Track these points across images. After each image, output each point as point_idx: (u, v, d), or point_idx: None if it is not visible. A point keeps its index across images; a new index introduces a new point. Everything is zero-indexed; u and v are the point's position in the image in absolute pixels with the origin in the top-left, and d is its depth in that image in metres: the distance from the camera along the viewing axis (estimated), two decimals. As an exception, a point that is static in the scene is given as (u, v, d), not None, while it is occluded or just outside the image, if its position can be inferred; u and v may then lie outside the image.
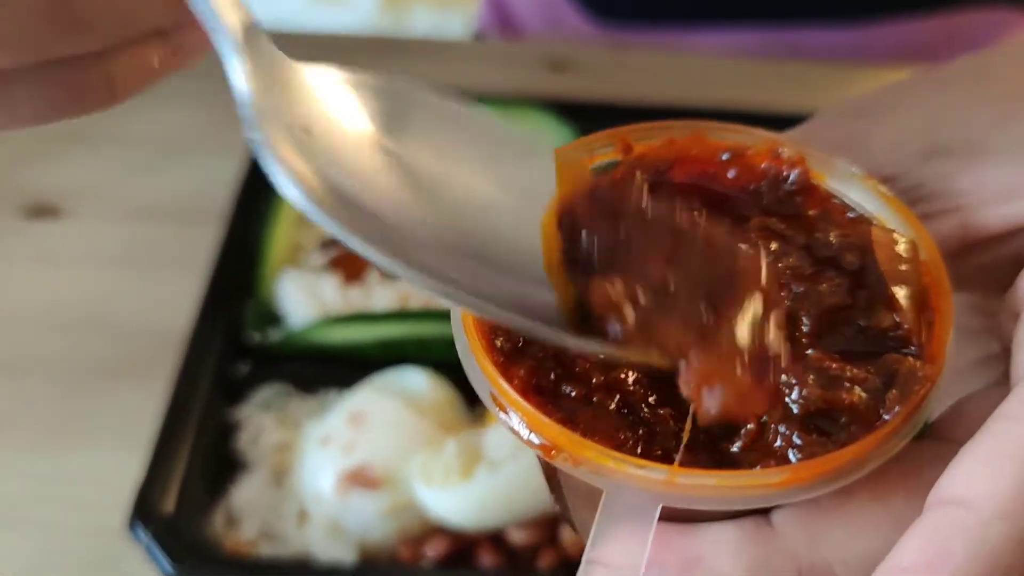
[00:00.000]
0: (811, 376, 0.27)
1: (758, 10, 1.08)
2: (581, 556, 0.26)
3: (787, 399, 0.27)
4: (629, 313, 0.27)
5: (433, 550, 0.61)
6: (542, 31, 1.23)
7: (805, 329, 0.28)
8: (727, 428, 0.27)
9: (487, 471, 0.60)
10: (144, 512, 0.59)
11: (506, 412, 0.27)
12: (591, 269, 0.29)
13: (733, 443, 0.27)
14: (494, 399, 0.28)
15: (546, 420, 0.27)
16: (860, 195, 0.32)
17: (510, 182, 0.31)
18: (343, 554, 0.61)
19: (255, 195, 0.78)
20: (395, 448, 0.63)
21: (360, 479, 0.62)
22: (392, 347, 0.69)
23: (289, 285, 0.72)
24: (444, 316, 0.67)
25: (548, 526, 0.61)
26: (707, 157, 0.33)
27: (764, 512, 0.26)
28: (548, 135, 0.85)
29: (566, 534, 0.61)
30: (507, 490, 0.60)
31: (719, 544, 0.26)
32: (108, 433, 0.72)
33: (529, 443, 0.27)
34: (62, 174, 0.92)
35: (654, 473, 0.25)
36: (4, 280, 0.82)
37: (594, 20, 1.19)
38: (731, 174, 0.33)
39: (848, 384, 0.27)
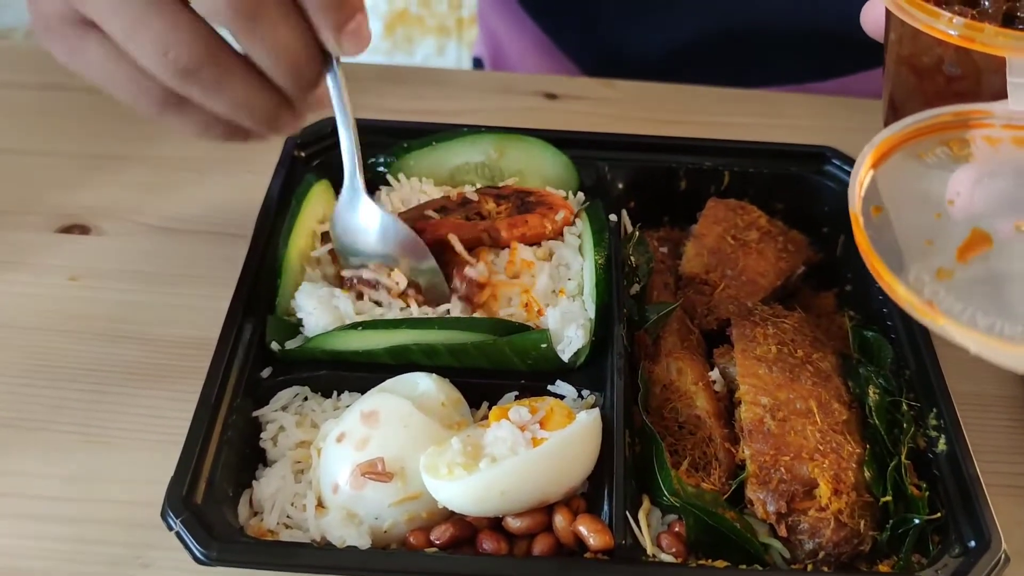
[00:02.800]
0: None
1: (745, 79, 1.15)
2: (573, 542, 0.31)
3: None
4: None
5: (439, 536, 0.66)
6: (534, 67, 1.30)
7: None
8: None
9: (487, 465, 0.65)
10: (176, 502, 0.64)
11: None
12: None
13: None
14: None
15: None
16: None
17: None
18: (357, 540, 0.66)
19: (279, 213, 0.84)
20: (405, 444, 0.67)
21: (373, 472, 0.67)
22: (401, 354, 0.74)
23: (306, 298, 0.76)
24: (449, 325, 0.73)
25: (543, 515, 0.67)
26: None
27: None
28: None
29: (558, 522, 0.66)
30: (505, 482, 0.65)
31: None
32: (137, 436, 0.77)
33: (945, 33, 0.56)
34: (92, 194, 0.98)
35: None
36: (39, 292, 0.88)
37: (582, 66, 1.26)
38: None
39: None
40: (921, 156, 0.56)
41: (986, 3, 0.62)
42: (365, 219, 0.78)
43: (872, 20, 0.68)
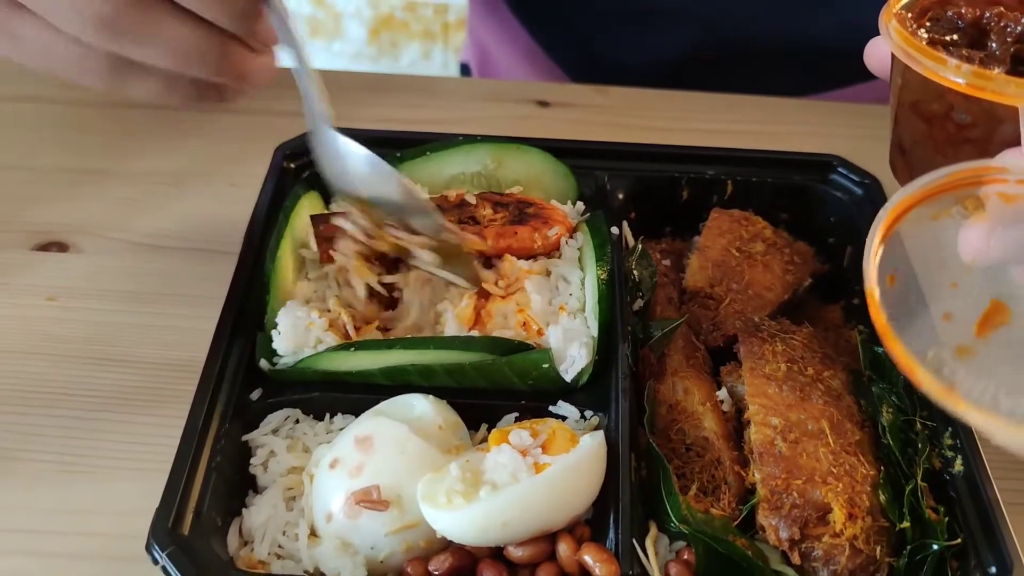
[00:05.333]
0: None
1: (741, 91, 1.13)
2: (578, 572, 0.28)
3: None
4: None
5: (438, 566, 0.63)
6: (523, 76, 1.27)
7: None
8: None
9: (488, 493, 0.62)
10: (162, 534, 0.61)
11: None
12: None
13: None
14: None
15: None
16: None
17: None
18: (352, 572, 0.63)
19: (268, 226, 0.80)
20: (401, 470, 0.65)
21: (368, 500, 0.64)
22: (397, 374, 0.71)
23: (283, 317, 0.73)
24: (445, 345, 0.70)
25: (546, 543, 0.64)
26: None
27: None
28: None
29: (562, 551, 0.63)
30: (507, 511, 0.62)
31: None
32: (119, 464, 0.74)
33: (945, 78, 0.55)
34: (70, 209, 0.94)
35: None
36: (14, 313, 0.85)
37: (573, 77, 1.24)
38: None
39: None
40: (935, 217, 0.53)
41: (993, 45, 0.59)
42: (348, 162, 0.72)
43: (877, 60, 0.64)
